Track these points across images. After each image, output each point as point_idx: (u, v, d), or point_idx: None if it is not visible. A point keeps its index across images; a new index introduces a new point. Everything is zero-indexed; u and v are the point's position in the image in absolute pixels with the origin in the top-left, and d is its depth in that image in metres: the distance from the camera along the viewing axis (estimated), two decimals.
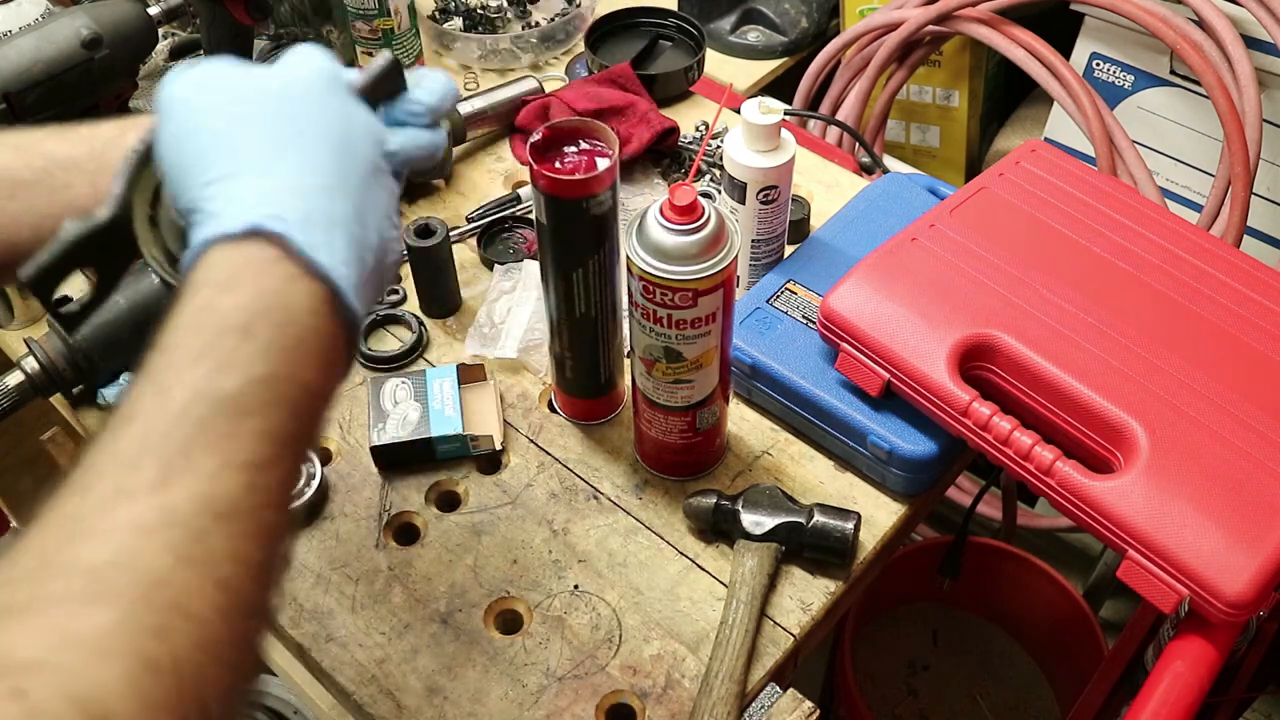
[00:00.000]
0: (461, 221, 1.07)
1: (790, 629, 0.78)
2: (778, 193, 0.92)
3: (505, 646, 0.78)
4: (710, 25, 1.52)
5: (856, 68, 1.49)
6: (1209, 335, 0.80)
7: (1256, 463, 0.73)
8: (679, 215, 0.70)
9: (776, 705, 0.75)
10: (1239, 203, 1.23)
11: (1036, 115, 1.59)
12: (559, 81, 1.23)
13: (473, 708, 0.75)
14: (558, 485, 0.87)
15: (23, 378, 0.80)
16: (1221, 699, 0.98)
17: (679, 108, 1.21)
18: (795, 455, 0.88)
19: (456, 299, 1.00)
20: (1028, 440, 0.76)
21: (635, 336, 0.78)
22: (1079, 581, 1.54)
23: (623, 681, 0.76)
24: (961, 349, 0.80)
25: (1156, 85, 1.36)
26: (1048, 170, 0.92)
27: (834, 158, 1.16)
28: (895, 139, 1.66)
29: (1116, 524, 0.72)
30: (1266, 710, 1.51)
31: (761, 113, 0.87)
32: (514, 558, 0.82)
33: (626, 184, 1.11)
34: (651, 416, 0.82)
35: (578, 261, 0.78)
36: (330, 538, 0.84)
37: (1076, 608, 1.38)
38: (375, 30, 1.18)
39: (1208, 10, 1.23)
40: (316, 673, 0.78)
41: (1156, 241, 0.86)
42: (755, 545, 0.80)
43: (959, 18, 1.37)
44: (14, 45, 0.93)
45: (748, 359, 0.88)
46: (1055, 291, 0.82)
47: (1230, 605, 0.69)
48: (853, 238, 0.96)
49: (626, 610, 0.79)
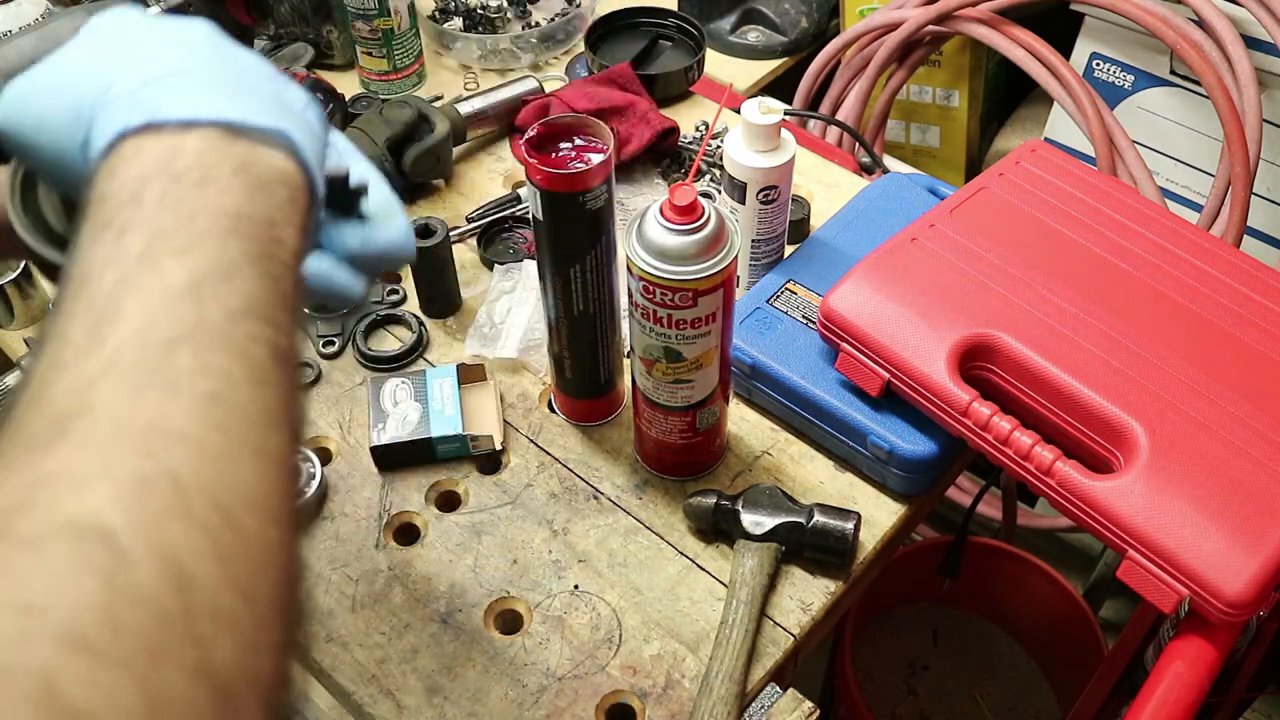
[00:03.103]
0: (461, 221, 1.07)
1: (790, 629, 0.78)
2: (778, 193, 0.92)
3: (505, 646, 0.78)
4: (710, 25, 1.52)
5: (856, 68, 1.49)
6: (1209, 335, 0.80)
7: (1256, 463, 0.73)
8: (679, 215, 0.70)
9: (776, 705, 0.75)
10: (1239, 203, 1.23)
11: (1036, 115, 1.59)
12: (559, 81, 1.23)
13: (473, 708, 0.75)
14: (558, 485, 0.87)
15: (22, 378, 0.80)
16: (1221, 699, 0.98)
17: (679, 108, 1.21)
18: (795, 455, 0.88)
19: (456, 299, 1.00)
20: (1028, 440, 0.76)
21: (635, 336, 0.78)
22: (1079, 581, 1.54)
23: (623, 681, 0.76)
24: (961, 349, 0.80)
25: (1156, 85, 1.36)
26: (1048, 170, 0.92)
27: (834, 158, 1.16)
28: (895, 139, 1.66)
29: (1116, 524, 0.72)
30: (1266, 710, 1.51)
31: (761, 113, 0.87)
32: (514, 558, 0.82)
33: (626, 184, 1.11)
34: (651, 416, 0.82)
35: (575, 258, 0.78)
36: (330, 538, 0.84)
37: (1076, 608, 1.38)
38: (375, 30, 1.18)
39: (1208, 10, 1.23)
40: (316, 673, 0.78)
41: (1156, 241, 0.86)
42: (755, 545, 0.80)
43: (959, 18, 1.37)
44: (14, 45, 0.93)
45: (748, 359, 0.88)
46: (1055, 291, 0.82)
47: (1230, 605, 0.69)
48: (853, 238, 0.96)
49: (626, 610, 0.79)
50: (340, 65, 1.27)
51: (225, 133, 0.41)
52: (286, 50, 1.25)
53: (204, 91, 0.42)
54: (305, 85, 1.08)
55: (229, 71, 0.44)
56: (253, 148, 0.41)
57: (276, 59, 1.24)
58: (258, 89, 0.44)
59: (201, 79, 0.43)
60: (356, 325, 0.97)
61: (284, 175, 0.42)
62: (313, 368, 0.94)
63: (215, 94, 0.42)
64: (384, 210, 0.53)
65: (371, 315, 0.98)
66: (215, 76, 0.44)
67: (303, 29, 1.26)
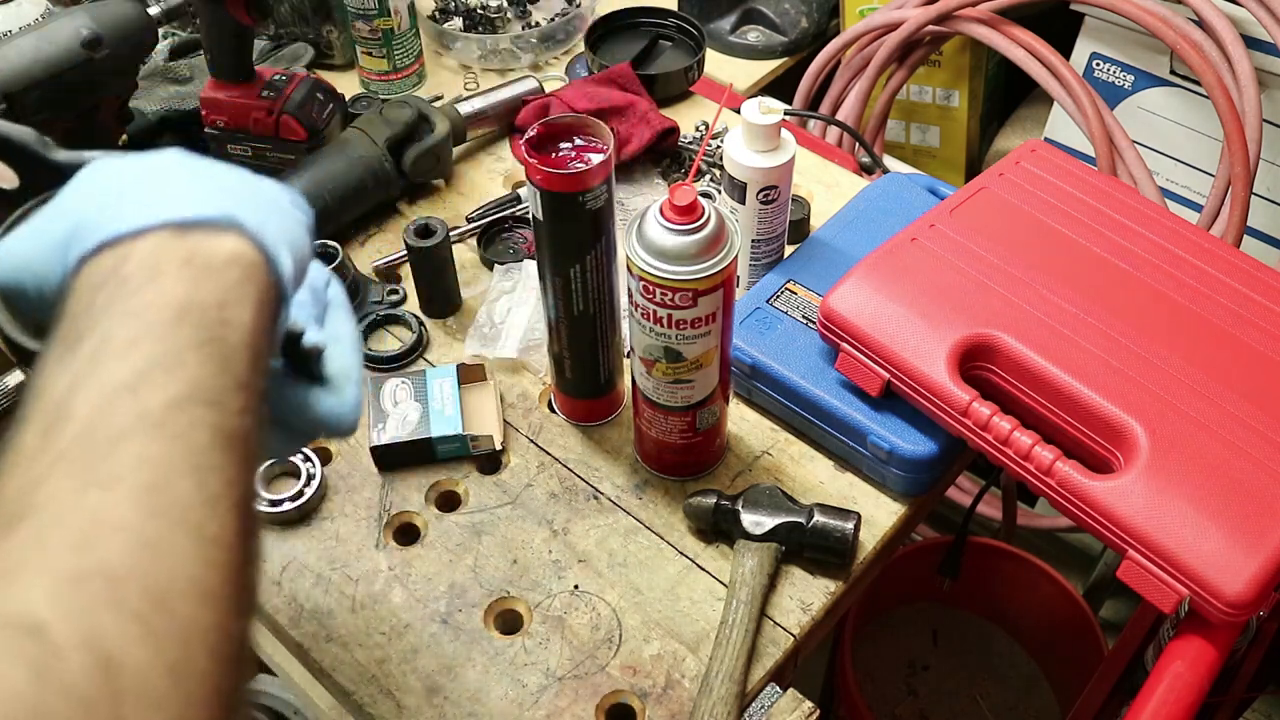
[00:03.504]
0: (461, 221, 1.07)
1: (790, 629, 0.78)
2: (778, 193, 0.92)
3: (505, 646, 0.78)
4: (710, 25, 1.52)
5: (856, 68, 1.49)
6: (1209, 335, 0.80)
7: (1256, 463, 0.73)
8: (679, 215, 0.70)
9: (776, 705, 0.75)
10: (1239, 203, 1.23)
11: (1036, 115, 1.59)
12: (559, 81, 1.23)
13: (473, 708, 0.75)
14: (558, 485, 0.87)
15: (23, 378, 0.80)
16: (1221, 699, 0.98)
17: (679, 108, 1.21)
18: (795, 455, 0.88)
19: (456, 299, 1.00)
20: (1028, 440, 0.76)
21: (635, 336, 0.78)
22: (1079, 581, 1.54)
23: (623, 681, 0.76)
24: (961, 349, 0.80)
25: (1156, 85, 1.36)
26: (1048, 170, 0.92)
27: (834, 158, 1.16)
28: (895, 139, 1.66)
29: (1116, 524, 0.72)
30: (1266, 710, 1.51)
31: (761, 113, 0.87)
32: (514, 558, 0.82)
33: (626, 184, 1.11)
34: (651, 416, 0.82)
35: (575, 258, 0.78)
36: (330, 538, 0.84)
37: (1076, 608, 1.38)
38: (375, 30, 1.18)
39: (1208, 10, 1.23)
40: (316, 673, 0.78)
41: (1156, 241, 0.86)
42: (755, 545, 0.80)
43: (959, 18, 1.37)
44: (14, 45, 0.93)
45: (748, 359, 0.88)
46: (1055, 291, 0.82)
47: (1230, 605, 0.69)
48: (853, 238, 0.96)
49: (626, 610, 0.79)
50: (340, 65, 1.27)
51: (175, 231, 0.42)
52: (286, 50, 1.25)
53: (156, 199, 0.44)
54: (305, 84, 1.08)
55: (191, 178, 0.46)
56: (203, 237, 0.43)
57: (276, 59, 1.24)
58: (222, 188, 0.46)
59: (157, 192, 0.45)
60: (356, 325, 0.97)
61: (235, 256, 0.43)
62: None
63: (166, 200, 0.44)
64: (338, 377, 0.53)
65: (371, 315, 0.98)
66: (175, 187, 0.45)
67: (303, 29, 1.26)
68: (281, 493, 0.84)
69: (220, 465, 0.39)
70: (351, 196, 1.03)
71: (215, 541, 0.38)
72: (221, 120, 1.08)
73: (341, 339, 0.54)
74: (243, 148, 1.09)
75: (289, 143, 1.07)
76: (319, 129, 1.08)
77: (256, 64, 1.12)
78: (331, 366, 0.53)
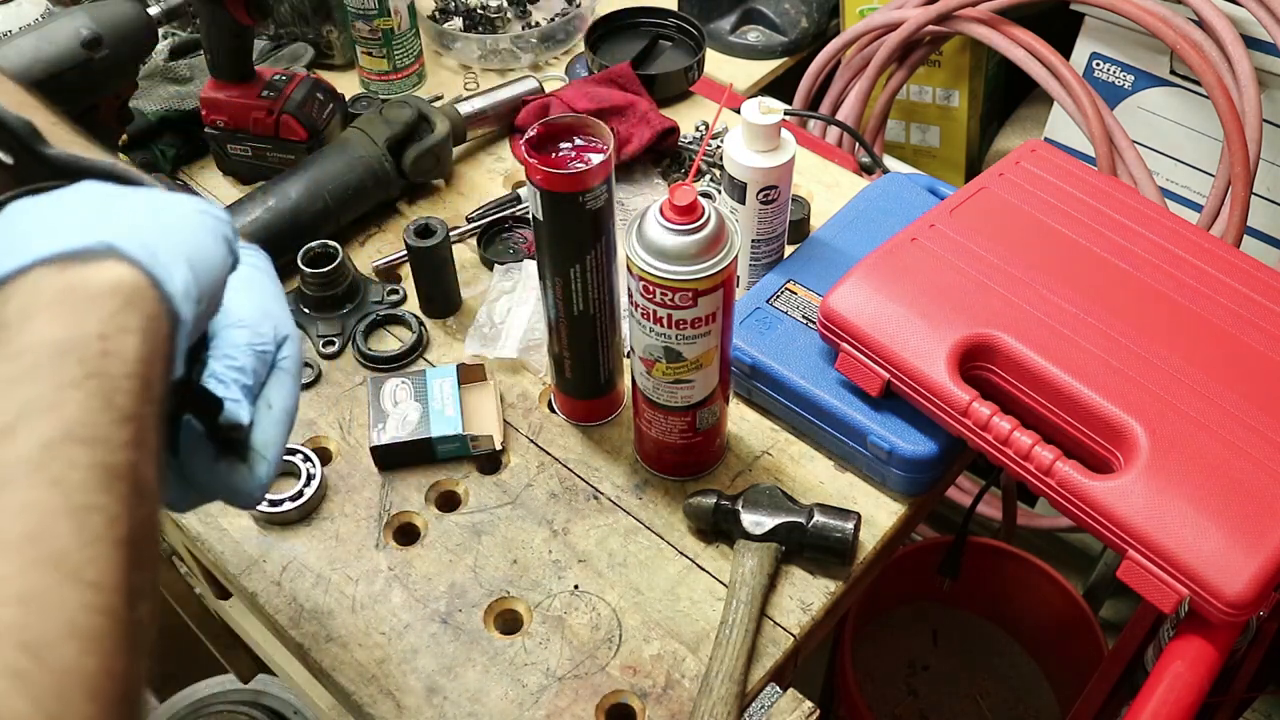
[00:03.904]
0: (461, 221, 1.07)
1: (790, 629, 0.78)
2: (778, 193, 0.92)
3: (505, 646, 0.78)
4: (710, 25, 1.52)
5: (856, 68, 1.49)
6: (1209, 335, 0.80)
7: (1256, 463, 0.73)
8: (679, 215, 0.70)
9: (776, 705, 0.75)
10: (1239, 203, 1.23)
11: (1036, 115, 1.59)
12: (559, 81, 1.23)
13: (473, 708, 0.75)
14: (558, 485, 0.87)
15: None
16: (1221, 699, 0.98)
17: (679, 108, 1.21)
18: (795, 455, 0.88)
19: (456, 299, 1.00)
20: (1028, 440, 0.76)
21: (635, 336, 0.78)
22: (1079, 581, 1.54)
23: (623, 681, 0.76)
24: (961, 349, 0.80)
25: (1156, 85, 1.36)
26: (1048, 170, 0.92)
27: (834, 158, 1.16)
28: (895, 139, 1.66)
29: (1116, 524, 0.72)
30: (1266, 710, 1.51)
31: (761, 113, 0.87)
32: (514, 558, 0.82)
33: (626, 184, 1.11)
34: (651, 416, 0.82)
35: (575, 258, 0.78)
36: (330, 538, 0.84)
37: (1076, 608, 1.38)
38: (375, 30, 1.18)
39: (1208, 10, 1.23)
40: (316, 673, 0.78)
41: (1156, 241, 0.86)
42: (755, 545, 0.80)
43: (959, 18, 1.37)
44: (14, 45, 0.93)
45: (748, 359, 0.88)
46: (1055, 291, 0.82)
47: (1230, 605, 0.69)
48: (853, 238, 0.96)
49: (626, 610, 0.79)
50: (340, 65, 1.27)
51: (54, 265, 0.42)
52: (286, 50, 1.25)
53: (37, 235, 0.43)
54: (305, 84, 1.08)
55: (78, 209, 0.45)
56: (80, 268, 0.42)
57: (276, 59, 1.24)
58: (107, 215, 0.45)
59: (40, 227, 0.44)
60: (356, 325, 0.97)
61: (115, 284, 0.42)
62: (313, 368, 0.94)
63: (46, 234, 0.43)
64: (256, 450, 0.52)
65: (371, 315, 0.98)
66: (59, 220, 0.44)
67: (303, 29, 1.26)
68: (281, 493, 0.84)
69: (102, 505, 0.38)
70: (351, 196, 1.03)
71: (95, 586, 0.37)
72: (221, 120, 1.08)
73: (274, 409, 0.53)
74: (243, 148, 1.09)
75: (289, 143, 1.07)
76: (319, 129, 1.08)
77: (256, 64, 1.12)
78: (254, 437, 0.52)
